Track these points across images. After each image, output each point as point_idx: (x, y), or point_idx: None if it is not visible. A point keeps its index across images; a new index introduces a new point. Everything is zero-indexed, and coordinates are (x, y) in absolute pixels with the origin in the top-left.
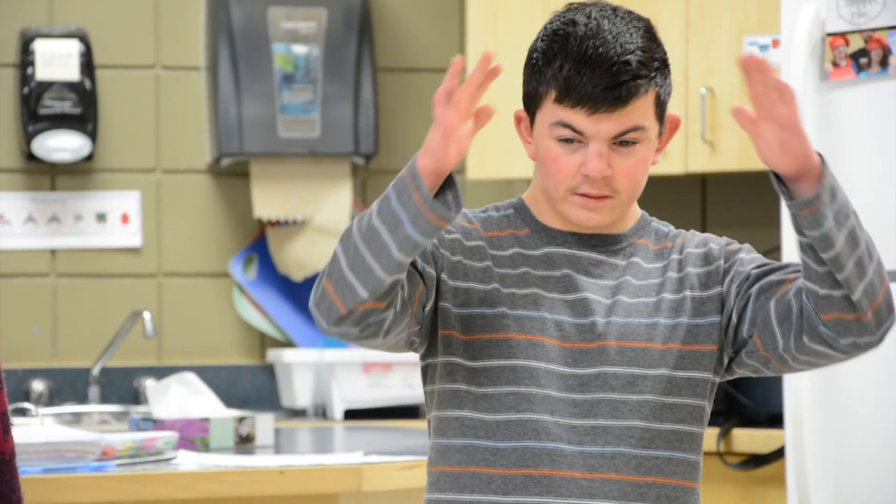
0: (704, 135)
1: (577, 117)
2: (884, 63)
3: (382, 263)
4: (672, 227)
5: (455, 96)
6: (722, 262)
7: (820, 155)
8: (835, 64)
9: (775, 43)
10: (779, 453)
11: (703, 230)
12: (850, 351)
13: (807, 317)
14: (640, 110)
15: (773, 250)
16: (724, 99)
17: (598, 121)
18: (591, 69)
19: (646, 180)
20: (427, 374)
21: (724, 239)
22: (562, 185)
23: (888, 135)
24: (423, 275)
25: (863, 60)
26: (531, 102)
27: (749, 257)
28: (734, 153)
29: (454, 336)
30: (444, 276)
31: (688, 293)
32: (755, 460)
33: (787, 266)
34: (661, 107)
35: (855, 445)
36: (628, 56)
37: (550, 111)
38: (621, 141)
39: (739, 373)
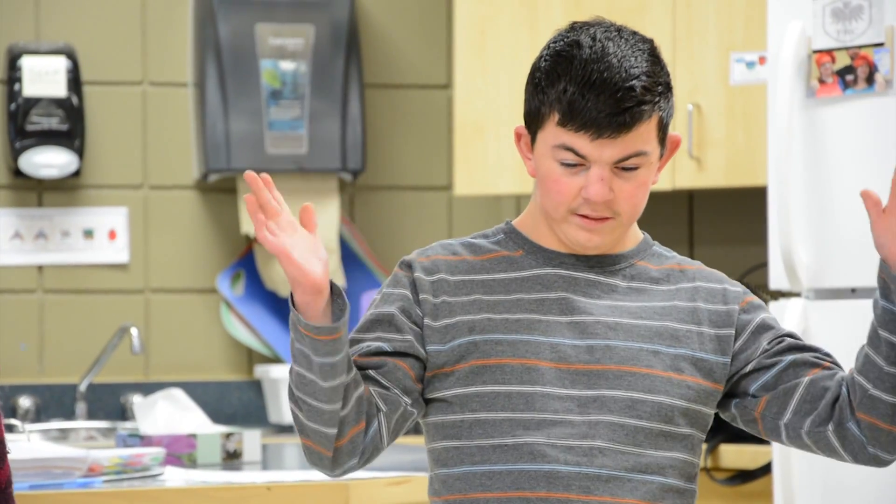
0: (691, 151)
1: (580, 142)
2: (870, 80)
3: (323, 399)
4: (675, 254)
5: (264, 226)
6: (737, 307)
7: None
8: (821, 81)
9: (762, 60)
10: (766, 469)
11: (690, 246)
12: (868, 461)
13: (840, 408)
14: (644, 135)
15: (759, 267)
16: (710, 115)
17: (602, 146)
18: (595, 94)
19: (646, 201)
20: (425, 410)
21: (741, 286)
22: (562, 206)
23: (874, 151)
24: (403, 350)
25: (849, 77)
26: (533, 121)
27: (772, 317)
28: (721, 169)
29: (445, 371)
30: (426, 320)
31: (694, 327)
32: (742, 476)
33: (819, 349)
34: (663, 130)
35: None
36: (633, 81)
37: (553, 133)
38: (623, 166)
39: (720, 412)
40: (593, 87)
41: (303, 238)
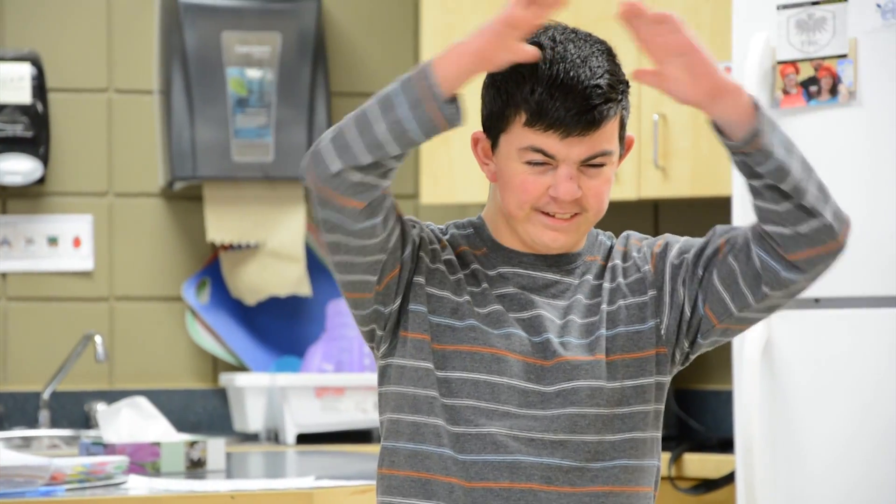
0: (657, 161)
1: (549, 141)
2: (833, 91)
3: (365, 140)
4: (614, 239)
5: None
6: (649, 267)
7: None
8: (785, 92)
9: (727, 70)
10: (729, 478)
11: None
12: (819, 277)
13: (765, 268)
14: (609, 134)
15: None
16: (676, 125)
17: (570, 145)
18: (563, 94)
19: (609, 198)
20: (387, 375)
21: (645, 243)
22: (526, 205)
23: (838, 162)
24: (402, 262)
25: (813, 88)
26: (495, 124)
27: (679, 249)
28: (686, 179)
29: (426, 341)
30: (420, 279)
31: (622, 302)
32: (706, 485)
33: (711, 236)
34: (623, 128)
35: (805, 470)
36: (599, 80)
37: (519, 135)
38: (590, 164)
39: (697, 354)
40: (561, 86)
41: (518, 39)
